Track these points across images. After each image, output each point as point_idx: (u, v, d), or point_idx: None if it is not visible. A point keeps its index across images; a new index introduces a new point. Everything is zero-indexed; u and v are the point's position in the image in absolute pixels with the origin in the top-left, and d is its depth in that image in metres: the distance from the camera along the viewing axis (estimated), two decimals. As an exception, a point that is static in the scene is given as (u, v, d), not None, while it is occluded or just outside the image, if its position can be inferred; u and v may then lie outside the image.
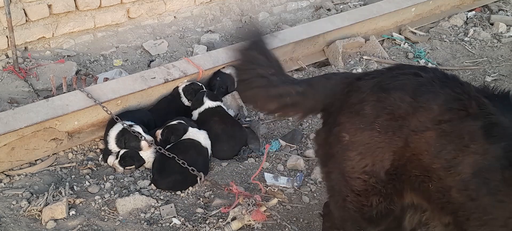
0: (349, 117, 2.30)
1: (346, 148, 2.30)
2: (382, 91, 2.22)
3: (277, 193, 3.56)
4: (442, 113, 2.06)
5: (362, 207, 2.39)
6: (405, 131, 2.12)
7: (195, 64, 4.41)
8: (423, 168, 2.12)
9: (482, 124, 1.98)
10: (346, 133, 2.28)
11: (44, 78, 4.63)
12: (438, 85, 2.14)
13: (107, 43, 5.36)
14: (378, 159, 2.22)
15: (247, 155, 4.03)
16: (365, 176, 2.28)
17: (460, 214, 2.07)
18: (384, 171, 2.23)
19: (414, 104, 2.12)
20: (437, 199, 2.13)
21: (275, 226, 3.29)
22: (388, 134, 2.16)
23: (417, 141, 2.10)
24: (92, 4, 5.08)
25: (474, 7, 6.78)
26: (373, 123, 2.19)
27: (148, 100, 4.22)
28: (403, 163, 2.18)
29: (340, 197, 2.47)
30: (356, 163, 2.27)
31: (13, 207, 3.30)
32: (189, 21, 5.95)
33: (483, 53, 5.81)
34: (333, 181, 2.48)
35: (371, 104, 2.22)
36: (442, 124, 2.05)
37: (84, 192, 3.52)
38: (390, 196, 2.32)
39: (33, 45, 4.95)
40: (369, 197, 2.34)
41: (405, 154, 2.15)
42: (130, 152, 3.73)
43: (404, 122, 2.13)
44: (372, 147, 2.21)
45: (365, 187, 2.31)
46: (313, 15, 6.74)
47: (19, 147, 3.57)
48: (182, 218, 3.32)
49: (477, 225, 2.02)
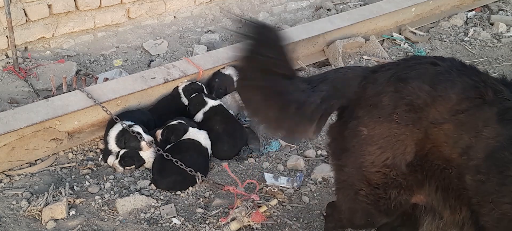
0: (366, 110, 2.26)
1: (364, 142, 2.26)
2: (400, 82, 2.19)
3: (277, 193, 3.56)
4: (459, 103, 2.06)
5: (378, 200, 2.37)
6: (425, 123, 2.11)
7: (195, 64, 4.41)
8: (443, 158, 2.12)
9: (497, 110, 1.99)
10: (364, 127, 2.25)
11: (44, 78, 4.63)
12: (456, 74, 2.13)
13: (107, 43, 5.36)
14: (399, 151, 2.19)
15: (247, 155, 4.03)
16: (385, 170, 2.25)
17: (474, 201, 2.07)
18: (405, 164, 2.21)
19: (432, 93, 2.11)
20: (455, 186, 2.13)
21: (275, 226, 3.29)
22: (408, 126, 2.14)
23: (436, 133, 2.09)
24: (92, 4, 5.09)
25: (474, 7, 6.78)
26: (391, 114, 2.17)
27: (148, 100, 4.21)
28: (425, 153, 2.16)
29: (352, 190, 2.44)
30: (376, 157, 2.24)
31: (13, 207, 3.30)
32: (189, 21, 5.95)
33: (483, 53, 5.81)
34: (346, 174, 2.43)
35: (388, 95, 2.19)
36: (459, 114, 2.05)
37: (84, 192, 3.52)
38: (411, 187, 2.30)
39: (33, 45, 4.95)
40: (388, 190, 2.31)
41: (426, 145, 2.14)
42: (130, 152, 3.73)
43: (423, 113, 2.11)
44: (392, 139, 2.18)
45: (385, 180, 2.28)
46: (313, 15, 6.74)
47: (19, 147, 3.57)
48: (182, 218, 3.32)
49: (489, 209, 2.01)
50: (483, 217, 2.07)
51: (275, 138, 4.20)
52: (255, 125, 4.32)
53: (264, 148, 4.09)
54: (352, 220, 2.61)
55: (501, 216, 1.99)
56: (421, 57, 2.39)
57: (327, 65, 5.41)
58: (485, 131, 1.99)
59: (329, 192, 3.61)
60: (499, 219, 2.00)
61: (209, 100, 4.14)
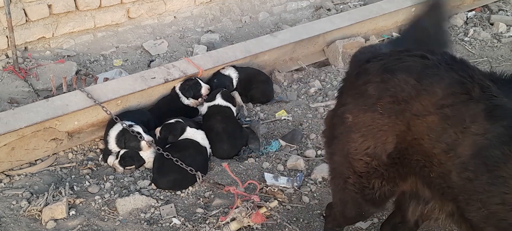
0: (353, 98, 2.29)
1: (349, 129, 2.28)
2: (387, 73, 2.19)
3: (277, 193, 3.56)
4: (445, 97, 2.04)
5: (363, 189, 2.38)
6: (407, 115, 2.10)
7: (195, 64, 4.41)
8: (424, 153, 2.10)
9: (484, 107, 1.96)
10: (350, 114, 2.27)
11: (44, 78, 4.63)
12: (444, 68, 2.11)
13: (107, 43, 5.36)
14: (380, 141, 2.20)
15: (247, 155, 4.03)
16: (367, 158, 2.26)
17: (460, 199, 2.05)
18: (386, 154, 2.21)
19: (417, 87, 2.10)
20: (438, 184, 2.12)
21: (275, 226, 3.29)
22: (390, 117, 2.14)
23: (419, 125, 2.08)
24: (92, 4, 5.09)
25: (474, 7, 6.77)
26: (375, 104, 2.18)
27: (148, 100, 4.22)
28: (405, 146, 2.16)
29: (341, 179, 2.46)
30: (358, 145, 2.25)
31: (13, 207, 3.30)
32: (189, 21, 5.95)
33: (483, 53, 5.81)
34: (336, 162, 2.47)
35: (374, 85, 2.20)
36: (444, 108, 2.03)
37: (84, 192, 3.52)
38: (394, 179, 2.30)
39: (33, 45, 4.95)
40: (370, 179, 2.32)
41: (406, 138, 2.13)
42: (130, 152, 3.73)
43: (406, 106, 2.10)
44: (374, 129, 2.19)
45: (367, 169, 2.30)
46: (313, 15, 6.74)
47: (19, 147, 3.57)
48: (182, 218, 3.32)
49: (477, 208, 1.99)
50: (470, 212, 2.04)
51: (275, 138, 4.21)
52: (255, 125, 4.32)
53: (264, 148, 4.09)
54: (343, 212, 2.62)
55: (489, 215, 1.96)
56: (414, 48, 2.36)
57: (327, 65, 5.41)
58: (472, 126, 1.96)
59: (329, 192, 3.61)
60: (487, 216, 1.97)
61: (218, 98, 4.19)
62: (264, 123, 4.41)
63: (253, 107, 4.66)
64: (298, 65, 5.28)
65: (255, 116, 4.54)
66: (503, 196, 1.88)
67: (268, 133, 4.31)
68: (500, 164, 1.88)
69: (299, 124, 4.42)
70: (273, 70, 5.09)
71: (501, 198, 1.89)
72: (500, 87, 2.01)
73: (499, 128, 1.91)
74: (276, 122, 4.46)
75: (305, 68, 5.27)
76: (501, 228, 1.95)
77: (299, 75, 5.19)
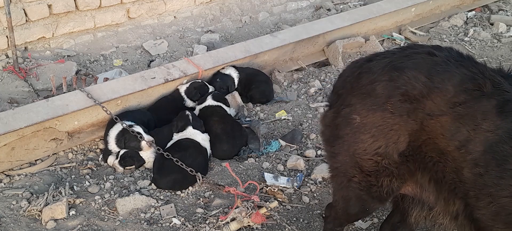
0: (360, 98, 2.25)
1: (357, 129, 2.26)
2: (395, 71, 2.16)
3: (277, 193, 3.56)
4: (457, 95, 2.03)
5: (371, 187, 2.36)
6: (420, 114, 2.08)
7: (195, 64, 4.41)
8: (438, 151, 2.09)
9: (496, 103, 1.96)
10: (357, 115, 2.24)
11: (44, 78, 4.63)
12: (453, 65, 2.10)
13: (107, 43, 5.36)
14: (392, 141, 2.17)
15: (247, 155, 4.03)
16: (377, 158, 2.24)
17: (471, 194, 2.05)
18: (398, 153, 2.19)
19: (428, 84, 2.08)
20: (451, 179, 2.11)
21: (275, 226, 3.29)
22: (402, 116, 2.12)
23: (432, 125, 2.07)
24: (92, 4, 5.09)
25: (474, 7, 6.78)
26: (385, 104, 2.15)
27: (148, 100, 4.21)
28: (418, 145, 2.14)
29: (345, 178, 2.44)
30: (368, 145, 2.23)
31: (13, 207, 3.30)
32: (189, 21, 5.95)
33: (483, 53, 5.81)
34: (339, 162, 2.44)
35: (383, 84, 2.17)
36: (457, 106, 2.02)
37: (84, 192, 3.52)
38: (403, 176, 2.29)
39: (33, 45, 4.95)
40: (379, 177, 2.31)
41: (420, 137, 2.12)
42: (130, 152, 3.73)
43: (418, 104, 2.08)
44: (385, 128, 2.17)
45: (377, 168, 2.28)
46: (313, 15, 6.74)
47: (19, 147, 3.57)
48: (182, 218, 3.32)
49: (487, 202, 2.00)
50: (479, 210, 2.05)
51: (275, 138, 4.21)
52: (255, 125, 4.32)
53: (264, 148, 4.09)
54: (347, 210, 2.60)
55: (498, 209, 1.97)
56: (418, 46, 2.34)
57: (327, 65, 5.41)
58: (484, 124, 1.96)
59: (329, 192, 3.61)
60: (497, 212, 1.98)
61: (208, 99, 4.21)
62: (264, 123, 4.41)
63: (253, 107, 4.66)
64: (298, 65, 5.28)
65: (255, 116, 4.54)
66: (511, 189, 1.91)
67: (268, 133, 4.31)
68: (509, 157, 1.91)
69: (299, 124, 4.42)
70: (273, 70, 5.09)
71: (510, 191, 1.91)
72: (511, 83, 2.02)
73: (509, 124, 1.92)
74: (276, 122, 4.46)
75: (305, 68, 5.27)
76: (509, 223, 1.96)
77: (299, 75, 5.19)
